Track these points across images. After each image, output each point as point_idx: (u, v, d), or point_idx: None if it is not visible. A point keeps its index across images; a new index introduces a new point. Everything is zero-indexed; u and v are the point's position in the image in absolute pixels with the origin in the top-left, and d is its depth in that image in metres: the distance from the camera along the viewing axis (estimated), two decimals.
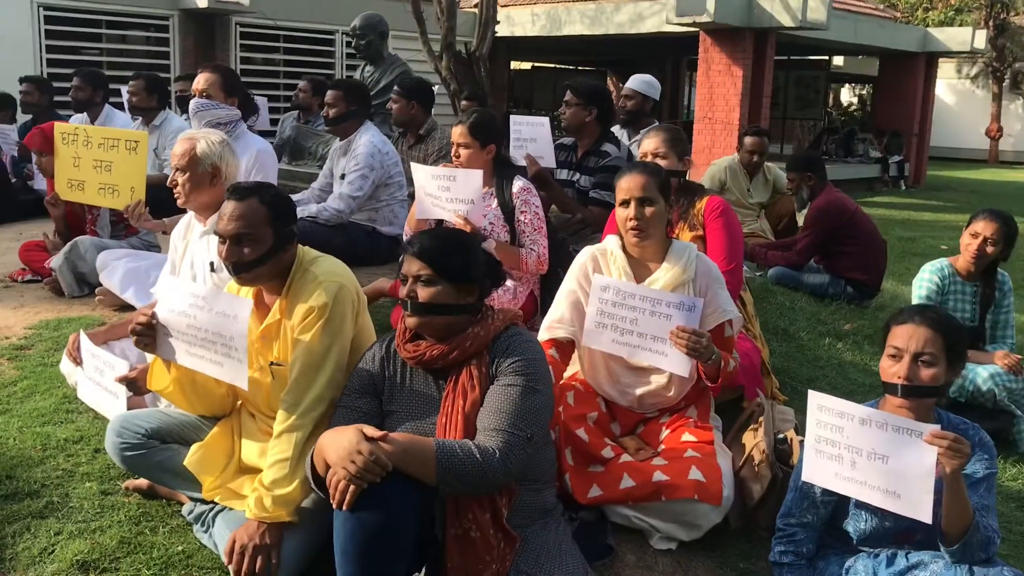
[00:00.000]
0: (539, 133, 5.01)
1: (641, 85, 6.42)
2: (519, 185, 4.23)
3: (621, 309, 3.18)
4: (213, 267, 3.41)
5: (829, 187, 6.06)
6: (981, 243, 4.22)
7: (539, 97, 25.16)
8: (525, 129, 5.06)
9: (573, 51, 22.69)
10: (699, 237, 3.94)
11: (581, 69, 26.75)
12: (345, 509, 2.36)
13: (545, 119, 5.03)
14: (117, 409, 3.21)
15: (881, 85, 20.77)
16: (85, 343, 3.43)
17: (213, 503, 2.90)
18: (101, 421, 3.45)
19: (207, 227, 3.47)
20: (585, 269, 3.38)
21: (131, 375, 3.15)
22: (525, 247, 4.19)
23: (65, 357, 3.68)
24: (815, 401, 2.59)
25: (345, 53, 15.26)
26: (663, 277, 3.29)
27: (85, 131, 4.66)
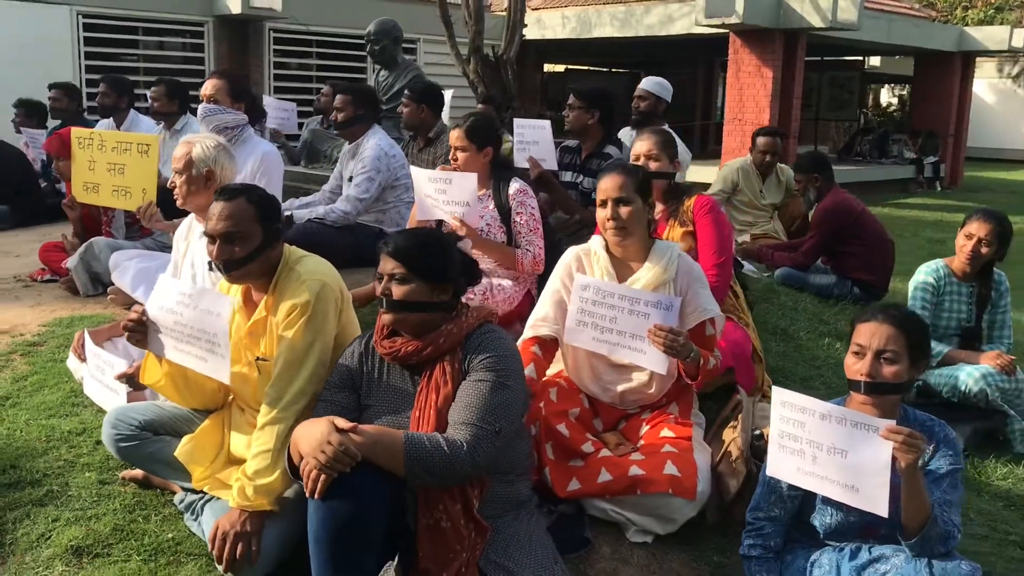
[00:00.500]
0: (541, 136, 5.09)
1: (654, 86, 6.47)
2: (515, 187, 4.31)
3: (601, 308, 3.26)
4: (211, 266, 3.53)
5: (836, 188, 6.06)
6: (975, 244, 4.23)
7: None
8: (528, 132, 5.14)
9: (605, 53, 22.72)
10: (689, 233, 4.02)
11: (615, 71, 26.74)
12: (317, 498, 2.47)
13: (546, 122, 5.12)
14: (118, 404, 3.34)
15: (917, 85, 20.55)
16: (88, 342, 3.57)
17: (203, 493, 3.02)
18: (104, 415, 3.57)
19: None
20: (569, 268, 3.46)
21: (130, 371, 3.28)
22: (521, 247, 4.28)
23: (71, 354, 3.83)
24: (778, 397, 2.64)
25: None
26: (644, 276, 3.36)
27: (100, 135, 4.83)
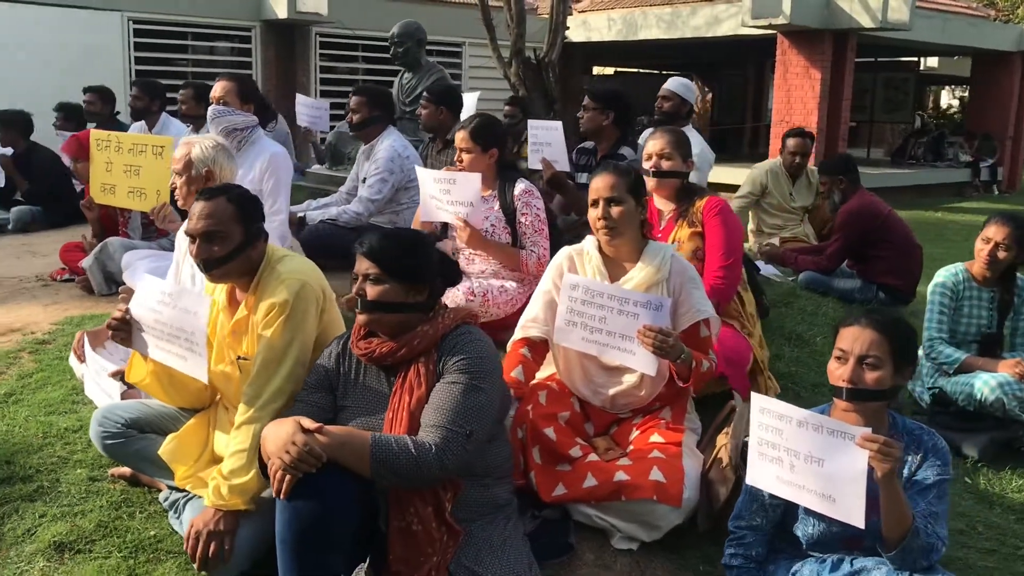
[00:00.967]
0: (554, 137, 5.05)
1: (679, 87, 6.38)
2: (521, 188, 4.28)
3: (590, 307, 3.20)
4: None
5: (862, 190, 5.90)
6: (992, 248, 4.09)
7: None
8: (541, 133, 5.10)
9: (654, 55, 22.53)
10: (697, 234, 3.94)
11: (664, 73, 26.55)
12: (282, 498, 2.46)
13: (558, 123, 5.07)
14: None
15: (974, 86, 20.04)
16: (87, 345, 3.62)
17: (187, 491, 3.04)
18: None
19: None
20: (561, 268, 3.42)
21: (123, 369, 3.32)
22: (526, 249, 4.24)
23: (72, 355, 3.88)
24: (757, 403, 2.57)
25: None
26: (637, 276, 3.30)
27: (117, 137, 4.90)
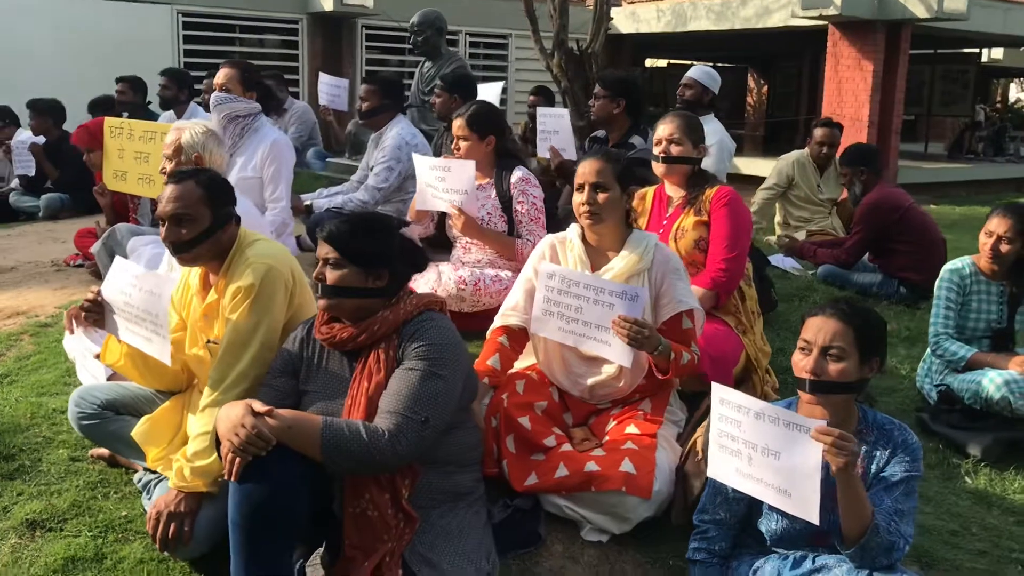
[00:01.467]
0: (561, 125, 5.00)
1: (702, 76, 6.28)
2: (518, 175, 4.24)
3: (566, 297, 3.16)
4: None
5: (882, 182, 5.73)
6: (995, 242, 3.93)
7: (672, 93, 24.74)
8: (549, 121, 5.06)
9: (707, 47, 22.24)
10: (703, 223, 3.84)
11: (718, 65, 26.20)
12: (233, 480, 2.46)
13: (565, 111, 5.03)
14: None
15: None
16: (78, 329, 3.67)
17: (159, 472, 3.06)
18: None
19: None
20: (543, 256, 3.38)
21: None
22: (522, 237, 4.20)
23: (67, 335, 3.93)
24: (718, 394, 2.50)
25: (468, 53, 15.59)
26: (618, 265, 3.25)
27: (129, 124, 4.96)
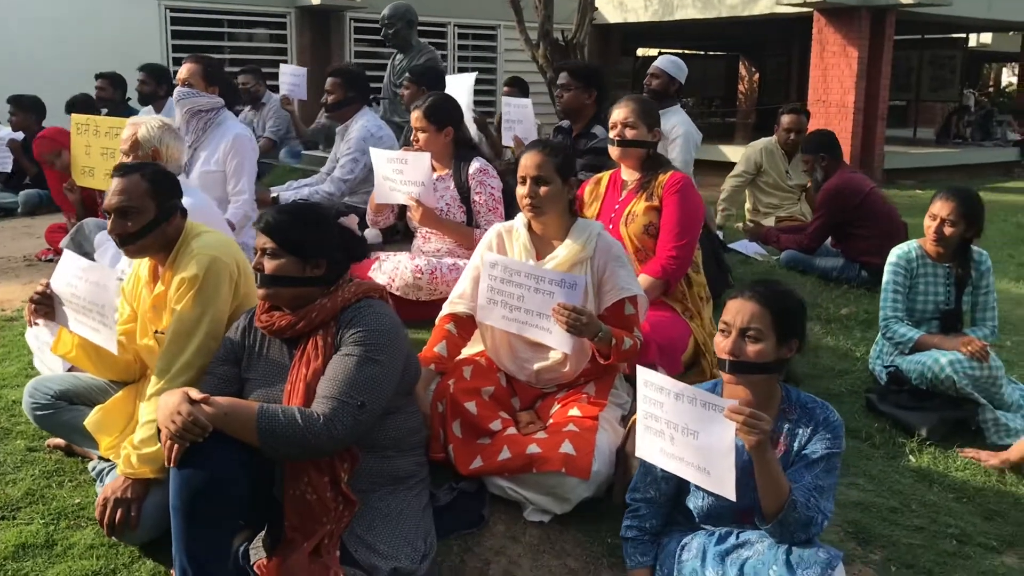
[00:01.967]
0: (524, 115, 5.05)
1: (669, 65, 6.31)
2: (475, 166, 4.30)
3: (509, 286, 3.23)
4: None
5: (843, 168, 5.79)
6: (939, 224, 3.99)
7: None
8: (513, 111, 5.11)
9: (696, 36, 22.25)
10: (654, 208, 3.87)
11: (711, 55, 26.21)
12: (172, 466, 2.54)
13: (528, 101, 5.08)
14: None
15: None
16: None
17: (112, 461, 3.14)
18: None
19: None
20: (490, 245, 3.44)
21: None
22: (480, 227, 4.27)
23: (29, 328, 3.99)
24: (642, 376, 2.58)
25: (457, 45, 15.62)
26: (561, 254, 3.31)
27: (95, 121, 5.02)
